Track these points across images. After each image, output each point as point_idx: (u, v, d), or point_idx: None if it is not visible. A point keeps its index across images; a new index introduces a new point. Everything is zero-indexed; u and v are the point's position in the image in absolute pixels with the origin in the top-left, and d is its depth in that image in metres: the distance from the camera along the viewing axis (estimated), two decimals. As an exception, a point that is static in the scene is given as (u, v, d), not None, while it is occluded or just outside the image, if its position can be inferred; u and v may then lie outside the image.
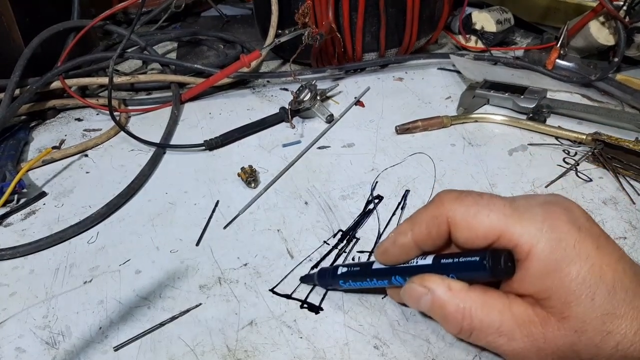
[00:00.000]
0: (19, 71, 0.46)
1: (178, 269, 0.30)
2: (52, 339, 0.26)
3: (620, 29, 0.46)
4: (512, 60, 0.54)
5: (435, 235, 0.22)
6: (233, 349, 0.25)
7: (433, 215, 0.22)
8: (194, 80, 0.53)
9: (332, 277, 0.26)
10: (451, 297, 0.21)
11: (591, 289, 0.19)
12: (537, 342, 0.20)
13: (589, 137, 0.38)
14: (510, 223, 0.20)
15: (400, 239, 0.23)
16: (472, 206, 0.21)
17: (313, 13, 0.49)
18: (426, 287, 0.21)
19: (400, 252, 0.23)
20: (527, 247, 0.20)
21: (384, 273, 0.24)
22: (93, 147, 0.44)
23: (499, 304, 0.21)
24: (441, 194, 0.22)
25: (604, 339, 0.19)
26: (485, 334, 0.20)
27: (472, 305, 0.21)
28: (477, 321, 0.20)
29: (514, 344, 0.20)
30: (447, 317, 0.21)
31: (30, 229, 0.34)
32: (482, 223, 0.20)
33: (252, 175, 0.37)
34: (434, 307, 0.21)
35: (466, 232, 0.21)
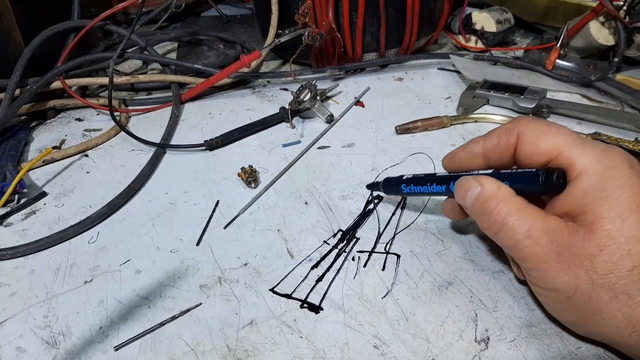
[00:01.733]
0: (19, 71, 0.46)
1: (178, 269, 0.30)
2: (53, 339, 0.26)
3: (620, 29, 0.47)
4: (512, 60, 0.54)
5: (503, 146, 0.24)
6: (233, 349, 0.25)
7: (506, 128, 0.24)
8: (194, 81, 0.53)
9: (396, 183, 0.29)
10: (496, 194, 0.23)
11: (625, 213, 0.20)
12: (560, 247, 0.21)
13: (588, 137, 0.38)
14: (572, 145, 0.22)
15: (471, 145, 0.26)
16: (543, 125, 0.23)
17: (313, 13, 0.50)
18: (479, 181, 0.24)
19: (467, 157, 0.26)
20: (581, 167, 0.21)
21: (445, 178, 0.26)
22: (93, 147, 0.44)
23: (535, 212, 0.22)
24: (517, 117, 0.25)
25: (622, 258, 0.20)
26: (514, 233, 0.22)
27: (511, 206, 0.22)
28: (511, 220, 0.22)
29: (538, 248, 0.21)
30: (486, 211, 0.23)
31: (30, 228, 0.35)
32: (547, 140, 0.23)
33: (252, 175, 0.37)
34: (478, 199, 0.23)
35: (530, 145, 0.23)
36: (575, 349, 0.24)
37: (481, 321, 0.25)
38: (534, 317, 0.25)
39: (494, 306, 0.26)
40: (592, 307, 0.21)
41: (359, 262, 0.30)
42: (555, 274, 0.21)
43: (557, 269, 0.21)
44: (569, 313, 0.22)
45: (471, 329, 0.25)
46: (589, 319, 0.21)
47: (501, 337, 0.24)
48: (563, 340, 0.24)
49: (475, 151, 0.26)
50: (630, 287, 0.20)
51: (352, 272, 0.29)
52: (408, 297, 0.27)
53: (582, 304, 0.21)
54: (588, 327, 0.22)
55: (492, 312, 0.26)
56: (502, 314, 0.26)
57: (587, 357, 0.23)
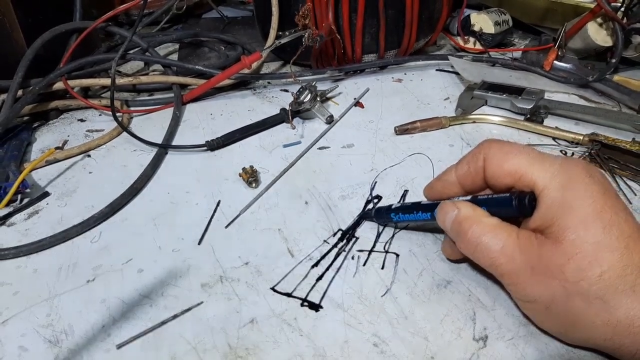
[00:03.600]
0: (22, 72, 0.46)
1: (180, 268, 0.30)
2: (55, 338, 0.26)
3: (618, 30, 0.47)
4: (510, 61, 0.54)
5: (473, 171, 0.26)
6: (234, 347, 0.25)
7: (473, 154, 0.26)
8: (196, 82, 0.53)
9: (386, 212, 0.31)
10: (470, 215, 0.24)
11: (587, 221, 0.21)
12: (531, 260, 0.22)
13: (586, 138, 0.39)
14: (531, 165, 0.23)
15: (445, 175, 0.28)
16: (506, 147, 0.25)
17: (313, 15, 0.50)
18: (456, 206, 0.25)
19: (443, 186, 0.28)
20: (542, 184, 0.22)
21: (429, 206, 0.28)
22: (96, 147, 0.44)
23: (508, 229, 0.23)
24: (485, 139, 0.26)
25: (590, 264, 0.20)
26: (490, 251, 0.23)
27: (485, 226, 0.24)
28: (485, 238, 0.23)
29: (513, 265, 0.23)
30: (460, 232, 0.24)
31: (33, 228, 0.35)
32: (509, 161, 0.24)
33: (253, 176, 0.38)
34: (455, 221, 0.25)
35: (496, 167, 0.24)
36: (573, 347, 0.24)
37: (479, 320, 0.26)
38: (532, 316, 0.25)
39: (492, 305, 0.26)
40: (571, 315, 0.21)
41: (358, 261, 0.30)
42: (531, 287, 0.22)
43: (532, 281, 0.22)
44: (552, 323, 0.23)
45: (469, 327, 0.25)
46: (569, 328, 0.22)
47: (499, 335, 0.25)
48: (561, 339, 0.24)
49: (450, 180, 0.27)
50: (604, 292, 0.20)
51: (352, 271, 0.29)
52: (407, 296, 0.27)
53: (561, 313, 0.22)
54: (571, 335, 0.23)
55: (491, 311, 0.26)
56: (501, 312, 0.26)
57: (585, 355, 0.23)
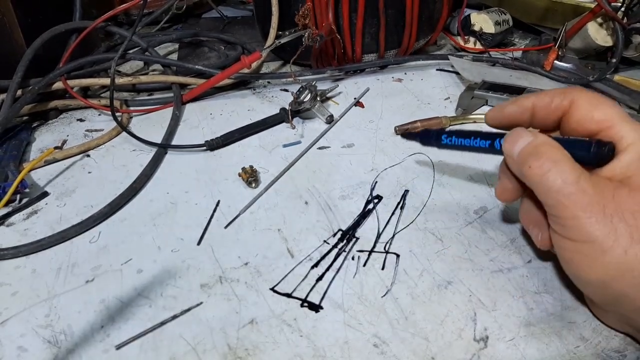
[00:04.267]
0: (21, 72, 0.46)
1: (179, 268, 0.30)
2: (54, 338, 0.26)
3: (618, 30, 0.47)
4: (511, 61, 0.54)
5: (554, 107, 0.25)
6: (234, 348, 0.25)
7: (561, 91, 0.25)
8: (195, 81, 0.53)
9: (437, 133, 0.29)
10: (550, 142, 0.23)
11: None
12: (604, 199, 0.21)
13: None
14: (622, 119, 0.23)
15: (522, 99, 0.26)
16: (597, 97, 0.24)
17: (313, 14, 0.50)
18: (532, 133, 0.24)
19: (515, 111, 0.26)
20: (630, 140, 0.22)
21: (490, 135, 0.26)
22: (95, 147, 0.44)
23: (582, 169, 0.22)
24: (571, 87, 0.25)
25: None
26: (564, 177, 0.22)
27: (564, 155, 0.23)
28: (562, 164, 0.22)
29: (584, 197, 0.22)
30: (537, 153, 0.23)
31: (32, 228, 0.35)
32: (601, 110, 0.23)
33: (253, 175, 0.38)
34: (530, 145, 0.23)
35: (585, 112, 0.24)
36: (574, 348, 0.24)
37: (480, 320, 0.25)
38: (533, 317, 0.25)
39: (493, 305, 0.26)
40: (626, 263, 0.21)
41: (358, 261, 0.30)
42: (596, 225, 0.21)
43: (599, 219, 0.21)
44: (599, 269, 0.22)
45: (470, 328, 0.25)
46: (618, 276, 0.21)
47: (500, 336, 0.25)
48: (561, 339, 0.24)
49: (526, 105, 0.26)
50: None
51: (352, 271, 0.29)
52: (407, 297, 0.27)
53: (616, 258, 0.21)
54: (614, 285, 0.21)
55: (491, 312, 0.26)
56: (501, 313, 0.26)
57: (586, 356, 0.23)
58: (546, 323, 0.25)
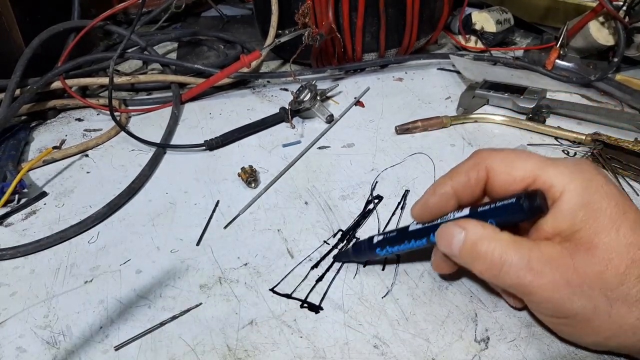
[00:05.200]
0: (20, 71, 0.46)
1: (178, 269, 0.30)
2: (53, 339, 0.26)
3: (620, 29, 0.47)
4: (512, 60, 0.54)
5: (474, 183, 0.24)
6: (233, 349, 0.25)
7: (473, 164, 0.24)
8: (194, 81, 0.53)
9: (369, 247, 0.27)
10: (484, 234, 0.22)
11: (617, 223, 0.20)
12: (566, 273, 0.20)
13: (588, 138, 0.38)
14: (544, 167, 0.22)
15: (440, 188, 0.24)
16: (510, 155, 0.23)
17: (313, 13, 0.50)
18: (461, 226, 0.22)
19: (439, 201, 0.24)
20: (561, 186, 0.21)
21: (421, 232, 0.25)
22: (94, 147, 0.44)
23: (528, 243, 0.22)
24: (478, 150, 0.24)
25: (628, 267, 0.20)
26: (515, 269, 0.21)
27: (503, 243, 0.21)
28: (508, 257, 0.21)
29: (543, 279, 0.21)
30: (479, 255, 0.22)
31: (31, 228, 0.35)
32: (519, 167, 0.22)
33: (253, 175, 0.37)
34: (466, 245, 0.22)
35: (504, 176, 0.23)
36: (575, 349, 0.24)
37: (481, 321, 0.25)
38: (534, 317, 0.25)
39: (494, 306, 0.26)
40: (613, 324, 0.21)
41: (359, 262, 0.30)
42: (570, 301, 0.21)
43: (570, 295, 0.20)
44: (590, 335, 0.22)
45: (471, 328, 0.25)
46: (611, 336, 0.21)
47: (501, 337, 0.24)
48: (563, 340, 0.24)
49: (446, 192, 0.24)
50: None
51: (352, 272, 0.29)
52: (408, 297, 0.27)
53: (603, 323, 0.21)
54: (610, 343, 0.22)
55: (492, 312, 0.26)
56: (502, 313, 0.26)
57: (587, 356, 0.23)
58: (547, 324, 0.25)
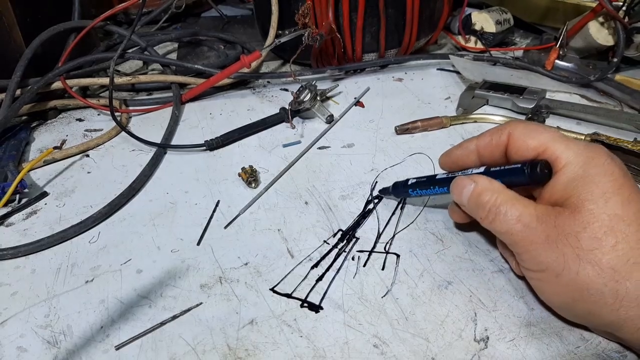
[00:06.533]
0: (20, 71, 0.46)
1: (179, 269, 0.30)
2: (54, 338, 0.26)
3: (620, 29, 0.47)
4: (512, 60, 0.54)
5: (495, 144, 0.27)
6: (234, 348, 0.25)
7: (498, 128, 0.27)
8: (195, 81, 0.53)
9: (403, 186, 0.32)
10: (489, 187, 0.25)
11: (607, 195, 0.22)
12: (547, 229, 0.23)
13: (587, 138, 0.38)
14: (556, 141, 0.24)
15: (466, 143, 0.29)
16: (531, 125, 0.26)
17: (313, 14, 0.50)
18: (472, 179, 0.26)
19: (462, 153, 0.29)
20: (565, 159, 0.23)
21: (445, 180, 0.29)
22: (94, 147, 0.44)
23: (525, 201, 0.24)
24: (509, 120, 0.28)
25: (606, 234, 0.21)
26: (507, 219, 0.24)
27: (503, 197, 0.24)
28: (504, 208, 0.24)
29: (528, 232, 0.23)
30: (481, 203, 0.25)
31: (31, 228, 0.35)
32: (534, 137, 0.25)
33: (253, 175, 0.37)
34: (473, 194, 0.25)
35: (521, 142, 0.25)
36: (574, 348, 0.24)
37: (480, 320, 0.25)
38: (533, 317, 0.25)
39: (494, 306, 0.26)
40: (580, 283, 0.22)
41: (358, 261, 0.30)
42: (544, 253, 0.23)
43: (545, 248, 0.23)
44: (559, 293, 0.23)
45: (470, 328, 0.25)
46: (577, 297, 0.22)
47: (500, 336, 0.25)
48: (562, 339, 0.24)
49: (470, 148, 0.28)
50: (616, 262, 0.21)
51: (352, 271, 0.29)
52: (408, 297, 0.27)
53: (571, 281, 0.22)
54: (578, 306, 0.23)
55: (492, 312, 0.26)
56: (502, 313, 0.26)
57: (586, 356, 0.23)
58: (547, 323, 0.25)
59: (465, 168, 0.29)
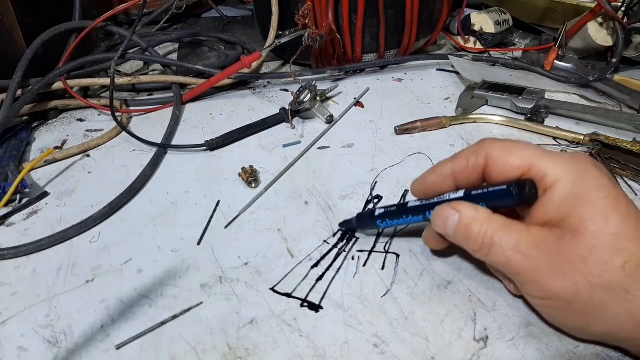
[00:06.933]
0: (21, 72, 0.46)
1: (179, 268, 0.30)
2: (54, 338, 0.26)
3: (619, 30, 0.47)
4: (511, 61, 0.54)
5: (472, 167, 0.25)
6: (234, 348, 0.25)
7: (474, 150, 0.25)
8: (195, 81, 0.53)
9: (370, 218, 0.29)
10: (477, 217, 0.23)
11: (606, 213, 0.21)
12: (551, 256, 0.21)
13: (587, 138, 0.39)
14: (540, 158, 0.23)
15: (440, 168, 0.26)
16: (510, 144, 0.24)
17: (313, 14, 0.50)
18: (455, 209, 0.24)
19: (437, 179, 0.26)
20: (554, 176, 0.22)
21: (418, 209, 0.26)
22: (95, 147, 0.44)
23: (518, 227, 0.23)
24: (482, 139, 0.25)
25: (613, 255, 0.21)
26: (504, 250, 0.22)
27: (494, 225, 0.23)
28: (498, 239, 0.22)
29: (530, 261, 0.22)
30: (471, 235, 0.23)
31: (32, 228, 0.35)
32: (516, 156, 0.23)
33: (253, 176, 0.38)
34: (460, 226, 0.24)
35: (501, 163, 0.24)
36: (574, 348, 0.24)
37: (480, 320, 0.25)
38: (533, 317, 0.25)
39: (493, 305, 0.26)
40: (595, 308, 0.21)
41: (358, 261, 0.30)
42: (552, 282, 0.22)
43: (552, 277, 0.22)
44: (572, 319, 0.23)
45: (470, 328, 0.25)
46: (592, 321, 0.22)
47: (500, 336, 0.25)
48: (561, 339, 0.24)
49: (445, 173, 0.26)
50: (626, 282, 0.20)
51: (352, 271, 0.29)
52: (407, 296, 0.27)
53: (584, 307, 0.21)
54: (593, 329, 0.22)
55: (491, 312, 0.26)
56: (501, 313, 0.26)
57: (586, 356, 0.23)
58: (546, 323, 0.25)
59: (441, 194, 0.26)
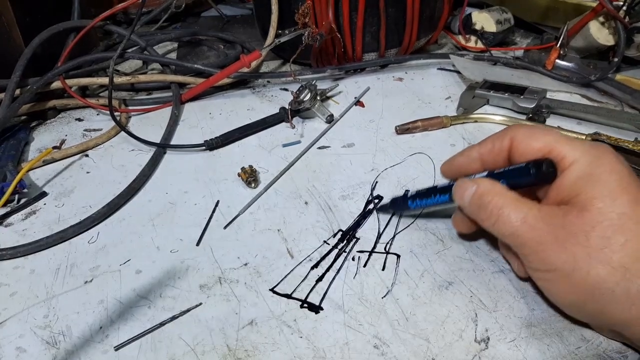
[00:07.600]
0: (19, 71, 0.46)
1: (178, 269, 0.30)
2: (53, 339, 0.26)
3: (620, 29, 0.47)
4: (512, 60, 0.54)
5: (497, 150, 0.26)
6: (233, 349, 0.25)
7: (499, 134, 0.27)
8: (194, 81, 0.53)
9: (403, 200, 0.31)
10: (491, 189, 0.25)
11: (615, 193, 0.22)
12: (555, 229, 0.22)
13: (588, 138, 0.38)
14: (561, 141, 0.24)
15: (467, 150, 0.28)
16: (532, 128, 0.26)
17: (313, 13, 0.50)
18: (474, 182, 0.26)
19: (465, 161, 0.28)
20: (571, 159, 0.23)
21: (445, 188, 0.28)
22: (93, 147, 0.44)
23: (529, 203, 0.24)
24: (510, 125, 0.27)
25: (615, 232, 0.21)
26: (511, 220, 0.23)
27: (506, 198, 0.24)
28: (507, 210, 0.24)
29: (535, 232, 0.23)
30: (482, 204, 0.25)
31: (30, 228, 0.35)
32: (538, 139, 0.25)
33: (252, 175, 0.37)
34: (475, 196, 0.25)
35: (525, 146, 0.25)
36: (575, 349, 0.24)
37: (481, 321, 0.25)
38: (534, 317, 0.25)
39: (494, 306, 0.26)
40: (592, 283, 0.21)
41: (359, 262, 0.30)
42: (553, 254, 0.22)
43: (554, 248, 0.22)
44: (570, 293, 0.23)
45: (471, 328, 0.25)
46: (588, 297, 0.22)
47: (501, 337, 0.24)
48: (563, 340, 0.24)
49: (472, 155, 0.28)
50: (626, 260, 0.21)
51: (352, 272, 0.29)
52: (408, 297, 0.27)
53: (582, 281, 0.22)
54: (588, 306, 0.22)
55: (492, 312, 0.26)
56: (502, 314, 0.26)
57: (587, 357, 0.23)
58: (547, 324, 0.25)
59: (468, 175, 0.28)
